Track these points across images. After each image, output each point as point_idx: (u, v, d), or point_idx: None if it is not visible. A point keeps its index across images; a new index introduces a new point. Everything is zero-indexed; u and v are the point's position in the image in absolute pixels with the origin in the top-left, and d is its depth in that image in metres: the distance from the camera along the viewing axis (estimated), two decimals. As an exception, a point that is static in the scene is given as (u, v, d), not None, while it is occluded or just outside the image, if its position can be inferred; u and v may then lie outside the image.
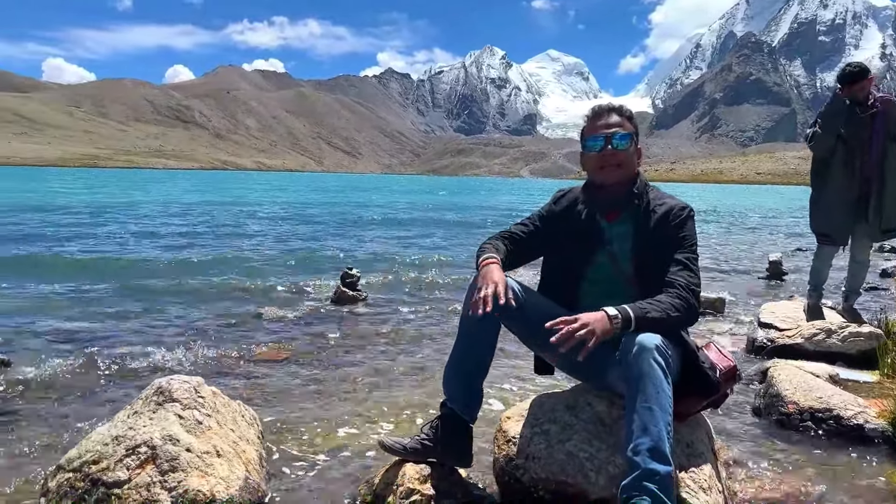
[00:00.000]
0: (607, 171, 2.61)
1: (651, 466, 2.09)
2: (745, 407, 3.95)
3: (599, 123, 2.63)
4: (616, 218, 2.64)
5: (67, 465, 2.61)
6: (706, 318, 6.52)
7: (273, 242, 14.13)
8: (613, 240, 2.63)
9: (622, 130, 2.60)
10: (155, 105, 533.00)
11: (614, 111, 2.65)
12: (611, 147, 2.58)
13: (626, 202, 2.62)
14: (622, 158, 2.59)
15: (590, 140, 2.64)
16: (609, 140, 2.59)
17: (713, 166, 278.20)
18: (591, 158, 2.65)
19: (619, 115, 2.64)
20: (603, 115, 2.65)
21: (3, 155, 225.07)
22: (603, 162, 2.60)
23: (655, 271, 2.54)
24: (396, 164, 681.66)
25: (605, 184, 2.64)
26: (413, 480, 2.52)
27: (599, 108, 2.70)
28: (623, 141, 2.59)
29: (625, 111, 2.67)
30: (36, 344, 5.10)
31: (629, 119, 2.65)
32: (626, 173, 2.61)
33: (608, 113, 2.65)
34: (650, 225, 2.57)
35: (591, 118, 2.68)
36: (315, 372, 4.61)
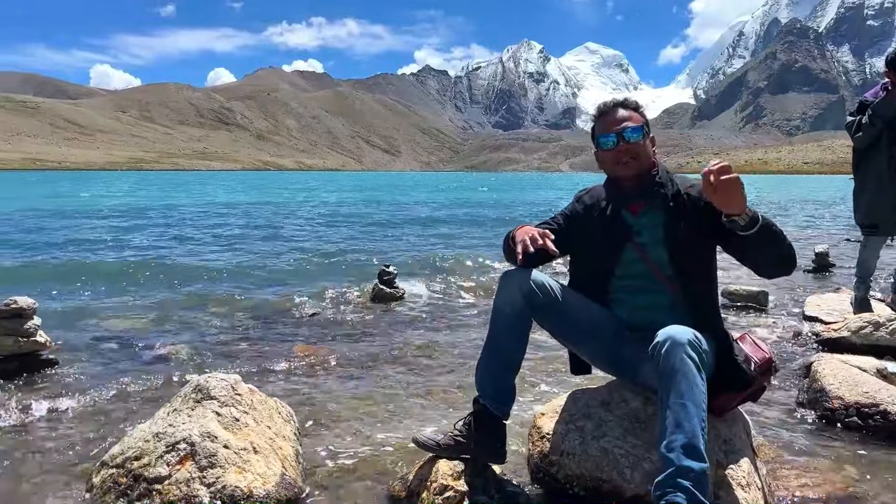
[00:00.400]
0: (624, 166, 2.59)
1: (685, 463, 2.06)
2: (788, 402, 3.86)
3: (608, 120, 2.62)
4: (641, 209, 2.62)
5: (111, 462, 2.68)
6: (748, 312, 6.40)
7: (311, 241, 14.29)
8: (643, 231, 2.60)
9: (632, 123, 2.58)
10: (198, 108, 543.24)
11: (620, 105, 2.64)
12: (623, 141, 2.57)
13: (650, 192, 2.60)
14: (636, 150, 2.57)
15: (601, 138, 2.63)
16: (620, 135, 2.57)
17: (758, 156, 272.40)
18: (606, 156, 2.64)
19: (626, 109, 2.63)
20: (610, 112, 2.64)
21: (55, 160, 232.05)
22: (618, 157, 2.59)
23: (692, 255, 2.52)
24: (435, 161, 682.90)
25: (623, 178, 2.62)
26: (446, 477, 2.53)
27: (605, 105, 2.68)
28: (635, 133, 2.57)
29: (630, 103, 2.66)
30: (82, 343, 5.25)
31: (636, 110, 2.64)
32: (642, 164, 2.60)
33: (615, 108, 2.63)
34: (684, 208, 2.53)
35: (598, 117, 2.68)
36: (352, 369, 4.66)
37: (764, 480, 2.54)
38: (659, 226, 2.58)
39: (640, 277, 2.61)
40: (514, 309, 2.56)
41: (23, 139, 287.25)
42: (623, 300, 2.66)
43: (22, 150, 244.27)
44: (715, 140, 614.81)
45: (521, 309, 2.56)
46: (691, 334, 2.20)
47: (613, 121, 2.60)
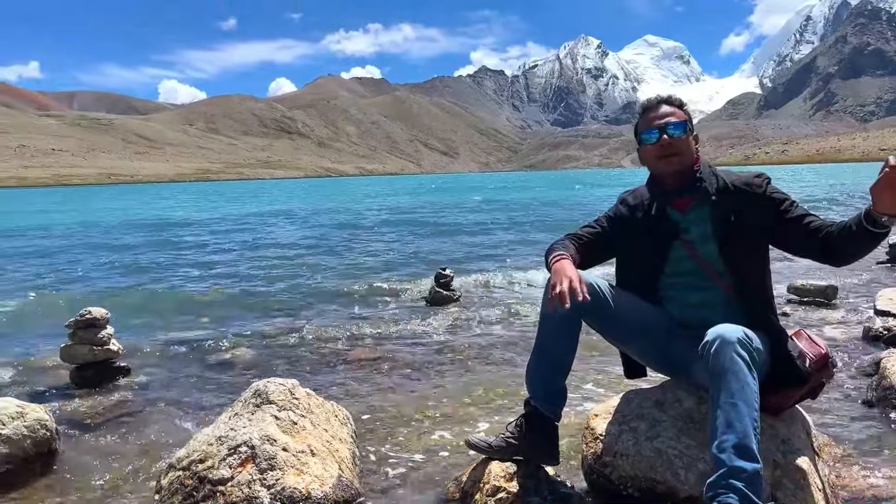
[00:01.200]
0: (666, 161, 2.56)
1: (737, 464, 2.03)
2: (856, 400, 3.73)
3: (651, 116, 2.60)
4: (688, 206, 2.58)
5: (178, 464, 2.80)
6: (816, 308, 6.19)
7: (367, 245, 14.49)
8: (690, 227, 2.57)
9: (675, 119, 2.55)
10: (261, 118, 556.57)
11: (663, 102, 2.61)
12: (666, 137, 2.54)
13: (694, 188, 2.56)
14: (679, 146, 2.54)
15: (644, 134, 2.61)
16: (663, 130, 2.54)
17: (830, 145, 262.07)
18: (648, 151, 2.61)
19: (669, 105, 2.60)
20: (653, 108, 2.61)
21: (127, 173, 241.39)
22: (661, 152, 2.56)
23: (743, 249, 2.49)
24: (494, 161, 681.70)
25: (666, 174, 2.59)
26: (499, 478, 2.55)
27: (649, 101, 2.66)
28: (677, 129, 2.54)
29: (674, 100, 2.63)
30: (151, 351, 5.49)
31: (680, 107, 2.61)
32: (685, 160, 2.56)
33: (658, 105, 2.61)
34: (731, 201, 2.50)
35: (642, 113, 2.66)
36: (408, 371, 4.72)
37: (826, 481, 2.47)
38: (706, 221, 2.54)
39: (689, 275, 2.58)
40: (563, 311, 2.56)
41: (98, 155, 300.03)
42: (673, 298, 2.63)
43: (97, 166, 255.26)
44: (783, 129, 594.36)
45: (569, 311, 2.55)
46: (741, 332, 2.17)
47: (656, 116, 2.58)
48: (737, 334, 2.16)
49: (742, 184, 2.52)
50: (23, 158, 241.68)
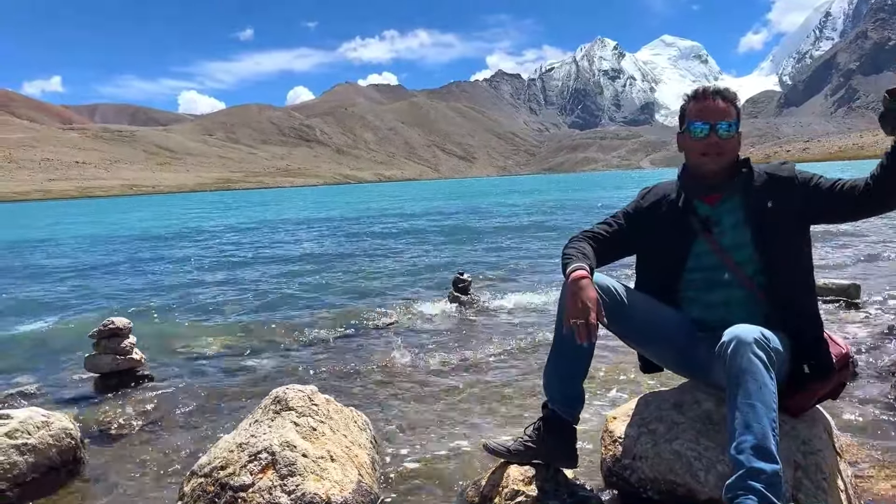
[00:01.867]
0: (709, 159, 2.49)
1: (756, 465, 2.02)
2: (880, 400, 3.67)
3: (705, 107, 2.50)
4: (718, 199, 2.54)
5: (199, 471, 2.84)
6: (839, 307, 6.12)
7: (386, 251, 14.53)
8: (722, 218, 2.52)
9: (728, 119, 2.48)
10: (279, 127, 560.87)
11: (720, 94, 2.51)
12: (716, 136, 2.47)
13: (730, 182, 2.52)
14: (726, 146, 2.48)
15: (693, 124, 2.52)
16: (714, 129, 2.47)
17: (852, 142, 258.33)
18: (693, 143, 2.53)
19: (724, 101, 2.50)
20: (708, 99, 2.51)
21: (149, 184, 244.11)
22: (707, 150, 2.49)
23: (778, 236, 2.43)
24: (512, 165, 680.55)
25: (708, 171, 2.52)
26: (517, 482, 2.55)
27: (705, 89, 2.55)
28: (729, 130, 2.48)
29: (730, 95, 2.53)
30: (174, 360, 5.56)
31: (733, 103, 2.52)
32: (728, 160, 2.50)
33: (714, 95, 2.51)
34: (765, 189, 2.47)
35: (695, 99, 2.55)
36: (427, 376, 4.73)
37: (848, 482, 2.44)
38: (739, 209, 2.49)
39: (712, 270, 2.53)
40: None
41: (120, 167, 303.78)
42: (694, 298, 2.60)
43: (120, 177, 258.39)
44: (804, 127, 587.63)
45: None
46: (758, 333, 2.15)
47: (711, 110, 2.49)
48: (754, 334, 2.14)
49: (773, 171, 2.50)
50: (47, 172, 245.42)
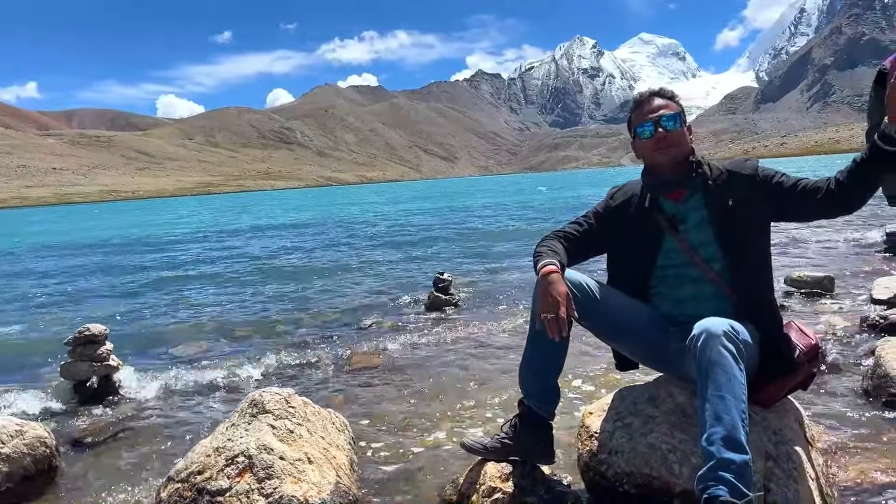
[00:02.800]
0: (661, 153, 2.58)
1: (726, 456, 2.05)
2: (851, 390, 3.74)
3: (645, 110, 2.62)
4: (683, 196, 2.60)
5: (176, 476, 2.82)
6: (814, 299, 6.20)
7: (366, 252, 14.50)
8: (687, 215, 2.58)
9: (668, 111, 2.57)
10: (259, 130, 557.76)
11: (656, 95, 2.63)
12: (661, 129, 2.56)
13: (690, 178, 2.58)
14: (674, 138, 2.56)
15: (639, 128, 2.62)
16: (658, 123, 2.56)
17: (828, 136, 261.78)
18: (644, 145, 2.62)
19: (661, 98, 2.62)
20: (646, 102, 2.63)
21: (129, 189, 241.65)
22: (656, 145, 2.57)
23: (742, 233, 2.50)
24: (493, 164, 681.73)
25: (662, 165, 2.59)
26: (494, 479, 2.56)
27: (641, 95, 2.68)
28: (671, 121, 2.56)
29: (666, 92, 2.65)
30: (151, 365, 5.50)
31: (672, 99, 2.63)
32: (680, 151, 2.58)
33: (650, 98, 2.63)
34: (727, 186, 2.54)
35: (635, 108, 2.67)
36: (407, 377, 4.74)
37: (819, 470, 2.48)
38: (702, 207, 2.56)
39: (680, 267, 2.59)
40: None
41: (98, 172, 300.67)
42: (665, 294, 2.64)
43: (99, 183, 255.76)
44: (781, 122, 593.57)
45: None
46: (727, 325, 2.18)
47: (650, 110, 2.60)
48: (723, 327, 2.17)
49: (735, 167, 2.57)
50: (24, 178, 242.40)
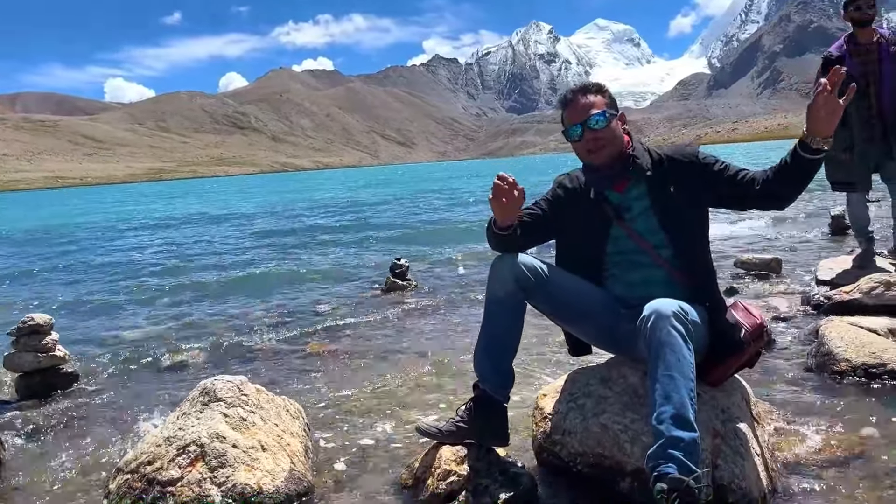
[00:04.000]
0: (596, 154, 2.59)
1: (675, 434, 2.09)
2: (797, 367, 3.84)
3: (571, 111, 2.60)
4: (626, 186, 2.63)
5: (125, 467, 2.76)
6: (762, 280, 6.35)
7: (324, 238, 14.40)
8: (632, 205, 2.61)
9: (595, 109, 2.55)
10: (212, 114, 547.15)
11: (580, 92, 2.60)
12: (590, 131, 2.56)
13: (628, 169, 2.60)
14: (605, 137, 2.56)
15: (569, 130, 2.62)
16: (586, 125, 2.56)
17: (777, 122, 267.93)
18: (577, 146, 2.63)
19: (587, 95, 2.59)
20: (572, 102, 2.61)
21: (77, 176, 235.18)
22: (588, 147, 2.58)
23: (682, 219, 2.55)
24: (451, 150, 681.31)
25: (597, 165, 2.62)
26: (449, 462, 2.57)
27: (565, 96, 2.65)
28: (598, 120, 2.55)
29: (592, 87, 2.63)
30: (100, 355, 5.37)
31: (599, 92, 2.61)
32: (614, 148, 2.58)
33: (575, 97, 2.60)
34: (667, 173, 2.57)
35: (564, 107, 2.65)
36: (363, 362, 4.71)
37: (765, 447, 2.55)
38: (645, 196, 2.60)
39: (631, 253, 2.63)
40: (507, 294, 2.59)
41: (44, 158, 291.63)
42: (616, 277, 2.68)
43: (44, 169, 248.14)
44: (733, 108, 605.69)
45: (513, 293, 2.59)
46: (676, 306, 2.22)
47: (578, 111, 2.58)
48: (672, 308, 2.21)
49: (674, 154, 2.59)
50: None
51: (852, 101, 5.20)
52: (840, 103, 2.24)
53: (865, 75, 5.10)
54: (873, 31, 5.15)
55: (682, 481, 2.02)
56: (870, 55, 5.11)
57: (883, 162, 5.23)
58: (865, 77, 5.09)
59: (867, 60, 5.11)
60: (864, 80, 5.08)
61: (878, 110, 5.11)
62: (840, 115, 2.26)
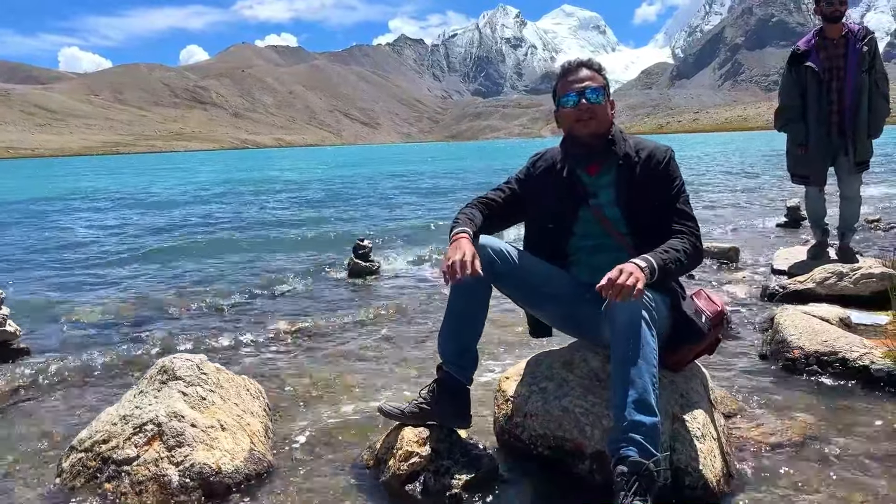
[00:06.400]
0: (583, 124, 2.61)
1: (636, 418, 2.12)
2: (752, 355, 3.93)
3: (571, 79, 2.64)
4: (598, 170, 2.65)
5: (79, 446, 2.70)
6: (720, 269, 6.47)
7: (285, 218, 14.25)
8: (599, 191, 2.64)
9: (594, 84, 2.60)
10: (172, 88, 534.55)
11: (584, 66, 2.65)
12: (585, 101, 2.58)
13: (606, 153, 2.63)
14: (597, 111, 2.59)
15: (563, 97, 2.64)
16: (582, 94, 2.59)
17: (737, 114, 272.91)
18: (566, 114, 2.65)
19: (588, 69, 2.64)
20: (573, 71, 2.65)
21: (29, 147, 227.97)
22: (578, 116, 2.60)
23: (644, 215, 2.57)
24: (415, 131, 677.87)
25: (581, 136, 2.63)
26: (411, 443, 2.57)
27: (569, 64, 2.70)
28: (595, 94, 2.59)
29: (594, 65, 2.67)
30: (54, 331, 5.24)
31: (599, 72, 2.65)
32: (601, 125, 2.61)
33: (578, 68, 2.65)
34: (634, 170, 2.58)
35: (562, 76, 2.69)
36: (325, 343, 4.68)
37: (721, 431, 2.60)
38: (612, 186, 2.62)
39: (597, 237, 2.65)
40: (474, 277, 2.59)
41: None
42: (582, 261, 2.70)
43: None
44: (694, 99, 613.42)
45: (480, 277, 2.58)
46: (641, 293, 2.24)
47: (576, 80, 2.62)
48: (636, 294, 2.23)
49: (647, 155, 2.60)
50: None
51: (812, 95, 5.32)
52: None
53: (830, 70, 5.19)
54: (842, 26, 5.23)
55: (643, 464, 2.06)
56: (836, 50, 5.20)
57: (838, 157, 5.35)
58: (830, 72, 5.19)
59: (833, 55, 5.20)
60: (828, 74, 5.18)
61: (839, 106, 5.21)
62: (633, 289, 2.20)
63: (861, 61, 5.14)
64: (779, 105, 5.52)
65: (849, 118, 5.19)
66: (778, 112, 5.52)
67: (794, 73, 5.36)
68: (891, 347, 3.44)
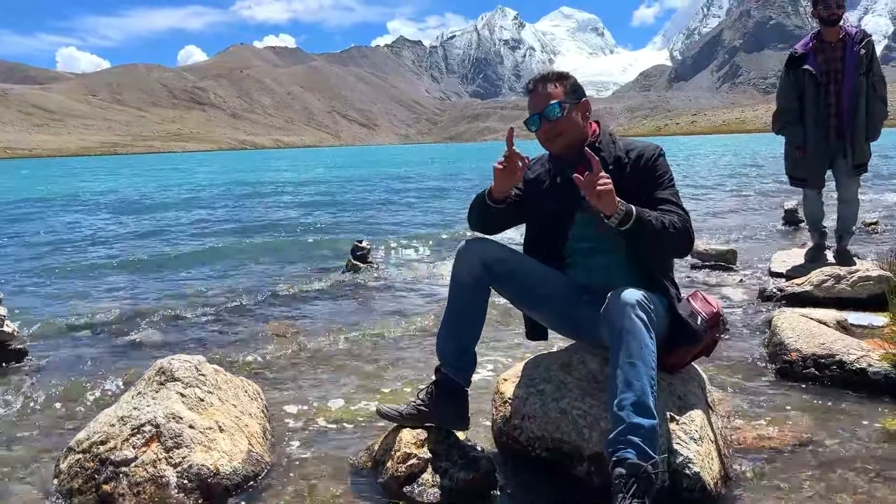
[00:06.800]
0: (552, 143, 2.64)
1: (635, 420, 2.12)
2: (750, 357, 3.94)
3: (532, 101, 2.63)
4: None
5: (77, 447, 2.70)
6: (717, 271, 6.48)
7: (285, 220, 14.22)
8: None
9: (553, 99, 2.58)
10: (170, 88, 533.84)
11: (540, 82, 2.64)
12: (547, 122, 2.59)
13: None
14: (560, 127, 2.59)
15: (528, 122, 2.65)
16: (542, 115, 2.59)
17: (735, 116, 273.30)
18: (536, 134, 2.67)
19: (546, 85, 2.62)
20: (534, 91, 2.64)
21: (26, 147, 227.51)
22: (545, 136, 2.63)
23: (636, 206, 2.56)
24: (413, 133, 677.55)
25: (555, 153, 2.67)
26: (409, 445, 2.57)
27: (529, 84, 2.68)
28: (554, 110, 2.57)
29: (553, 76, 2.65)
30: (52, 333, 5.21)
31: (560, 81, 2.63)
32: (570, 137, 2.62)
33: (536, 86, 2.64)
34: (624, 172, 2.58)
35: (527, 96, 2.67)
36: (323, 344, 4.67)
37: (719, 433, 2.61)
38: None
39: (593, 240, 2.65)
40: (473, 278, 2.60)
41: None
42: (579, 263, 2.71)
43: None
44: (692, 101, 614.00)
45: (479, 278, 2.60)
46: (640, 295, 2.25)
47: (536, 101, 2.62)
48: (636, 297, 2.24)
49: (636, 155, 2.60)
50: None
51: (810, 98, 5.34)
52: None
53: (827, 73, 5.20)
54: (840, 29, 5.24)
55: (641, 467, 2.06)
56: (834, 53, 5.21)
57: (836, 159, 5.36)
58: (827, 75, 5.20)
59: (830, 58, 5.21)
60: (825, 77, 5.19)
61: (836, 108, 5.22)
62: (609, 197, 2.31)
63: (859, 64, 5.14)
64: (777, 108, 5.54)
65: (847, 121, 5.20)
66: (776, 115, 5.54)
67: (791, 75, 5.38)
68: (888, 350, 3.44)
